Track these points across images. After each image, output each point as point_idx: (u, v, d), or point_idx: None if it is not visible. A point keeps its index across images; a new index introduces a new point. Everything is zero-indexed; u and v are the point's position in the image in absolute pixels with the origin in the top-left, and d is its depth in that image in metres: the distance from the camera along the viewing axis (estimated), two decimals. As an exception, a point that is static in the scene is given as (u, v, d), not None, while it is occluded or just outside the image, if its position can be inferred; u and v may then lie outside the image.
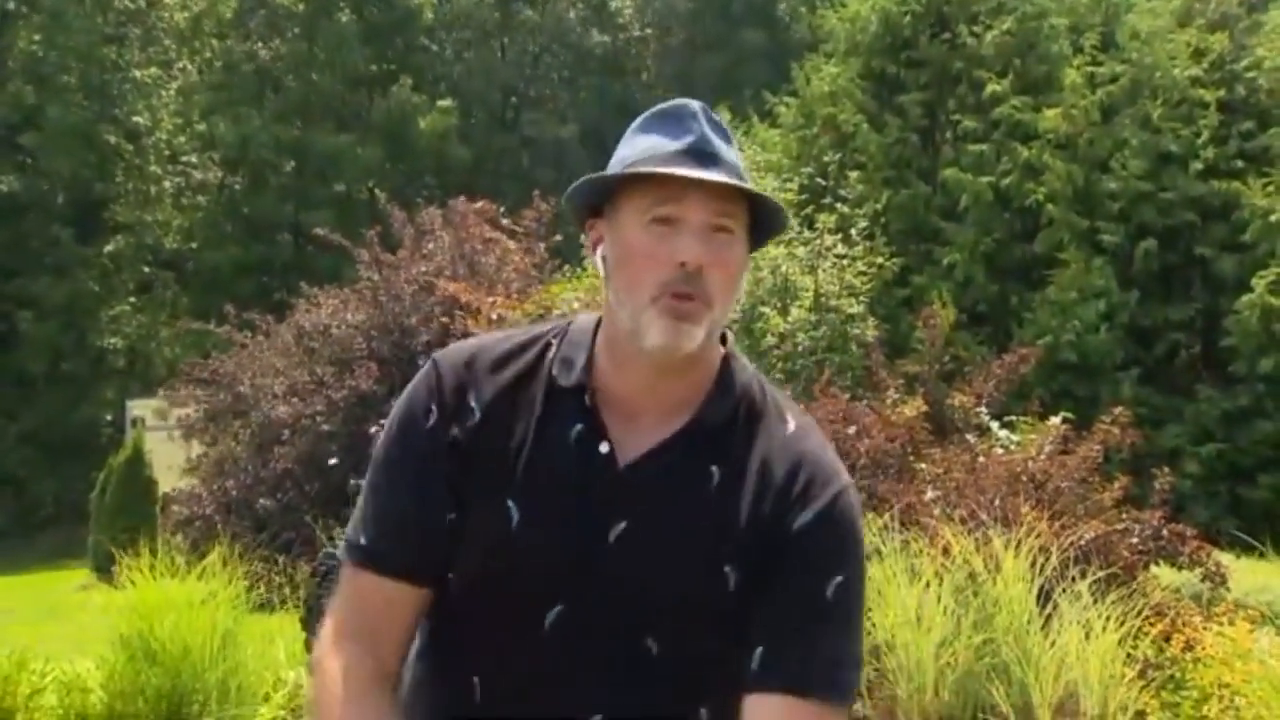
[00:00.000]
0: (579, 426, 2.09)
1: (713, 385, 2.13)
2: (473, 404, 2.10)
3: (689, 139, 2.07)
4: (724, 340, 2.15)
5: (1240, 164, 17.79)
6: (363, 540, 2.10)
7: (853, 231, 16.77)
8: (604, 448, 2.08)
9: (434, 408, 2.11)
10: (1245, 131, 18.09)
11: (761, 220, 2.13)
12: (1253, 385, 17.56)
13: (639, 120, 2.18)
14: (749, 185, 2.08)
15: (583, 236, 2.26)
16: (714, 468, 2.10)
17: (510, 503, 2.04)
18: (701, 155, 2.05)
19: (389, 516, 2.11)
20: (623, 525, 2.06)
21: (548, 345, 2.16)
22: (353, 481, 11.50)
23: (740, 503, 2.10)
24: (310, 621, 5.95)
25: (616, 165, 2.11)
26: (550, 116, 39.56)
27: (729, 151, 2.09)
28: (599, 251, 2.12)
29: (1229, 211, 17.31)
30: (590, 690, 2.08)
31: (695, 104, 2.12)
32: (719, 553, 2.08)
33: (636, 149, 2.10)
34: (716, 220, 2.04)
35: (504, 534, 2.03)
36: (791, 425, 2.16)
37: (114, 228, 34.12)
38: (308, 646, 5.98)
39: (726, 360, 2.15)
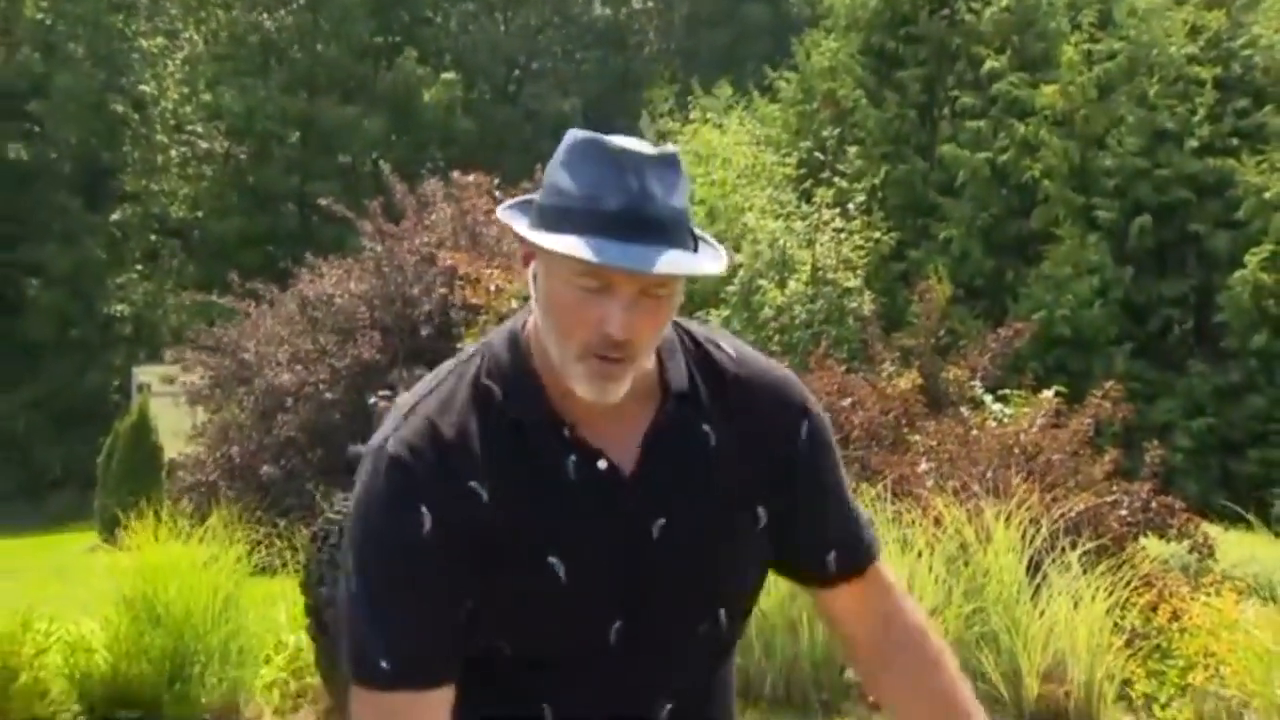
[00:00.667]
0: (572, 458, 2.05)
1: (658, 363, 2.10)
2: (473, 486, 2.01)
3: (625, 198, 1.94)
4: None
5: (1235, 141, 17.76)
6: (385, 664, 1.98)
7: (850, 206, 16.75)
8: (602, 465, 2.05)
9: (424, 509, 2.00)
10: (1240, 109, 18.06)
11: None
12: (1244, 361, 17.55)
13: (578, 147, 2.00)
14: (685, 271, 1.96)
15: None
16: (704, 428, 2.12)
17: (552, 559, 2.01)
18: (638, 222, 1.93)
19: (410, 636, 2.00)
20: (660, 522, 2.06)
21: (486, 389, 2.08)
22: (351, 449, 11.51)
23: (740, 446, 2.13)
24: (309, 585, 5.96)
25: (551, 196, 2.00)
26: (553, 89, 39.51)
27: (672, 203, 1.97)
28: (530, 268, 2.04)
29: (1223, 188, 17.29)
30: (659, 684, 2.11)
31: (645, 148, 1.97)
32: (748, 500, 2.13)
33: (568, 195, 1.98)
34: (654, 288, 1.97)
35: (557, 589, 2.00)
36: (730, 350, 2.20)
37: (121, 196, 34.14)
38: (307, 610, 6.01)
39: None
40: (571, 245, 1.90)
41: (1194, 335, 19.23)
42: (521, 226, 2.03)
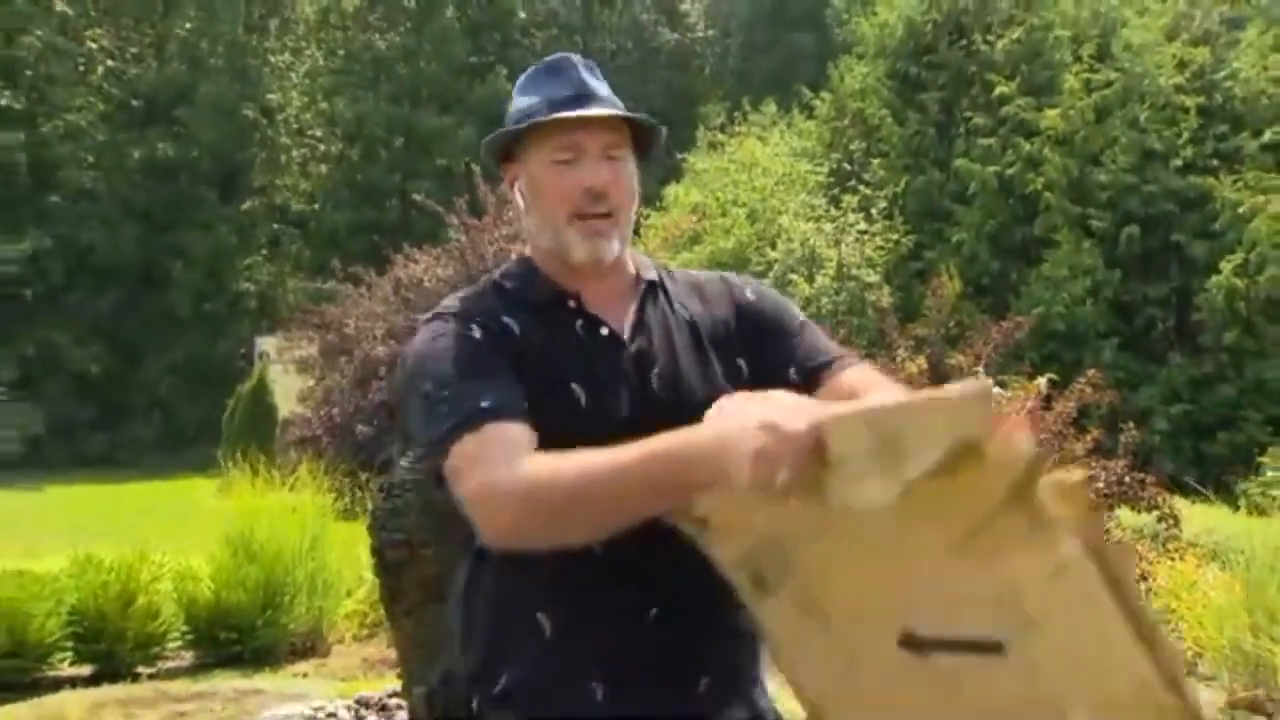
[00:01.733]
0: (579, 323, 2.14)
1: (635, 268, 2.25)
2: (507, 321, 2.11)
3: (572, 88, 2.17)
4: None
5: (1215, 162, 17.58)
6: (485, 403, 1.96)
7: (873, 211, 16.71)
8: (604, 331, 2.15)
9: (476, 329, 2.09)
10: (1220, 134, 17.86)
11: (643, 141, 2.25)
12: (1217, 355, 17.44)
13: (527, 77, 2.26)
14: (623, 112, 2.20)
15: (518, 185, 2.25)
16: (680, 305, 2.24)
17: (574, 385, 2.07)
18: (584, 99, 2.16)
19: (501, 388, 2.00)
20: (656, 371, 2.14)
21: (502, 284, 2.21)
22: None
23: (710, 314, 2.24)
24: (375, 529, 5.94)
25: (516, 116, 2.20)
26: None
27: (605, 91, 2.22)
28: (516, 188, 2.21)
29: (1203, 204, 17.09)
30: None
31: (574, 56, 2.24)
32: (729, 355, 2.21)
33: (531, 102, 2.18)
34: (608, 149, 2.15)
35: (576, 411, 2.04)
36: (683, 270, 2.38)
37: (250, 190, 34.44)
38: (372, 551, 5.98)
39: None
40: (538, 110, 2.14)
41: (1174, 331, 19.08)
42: (495, 147, 2.24)
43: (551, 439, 1.94)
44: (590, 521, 1.92)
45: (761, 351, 2.24)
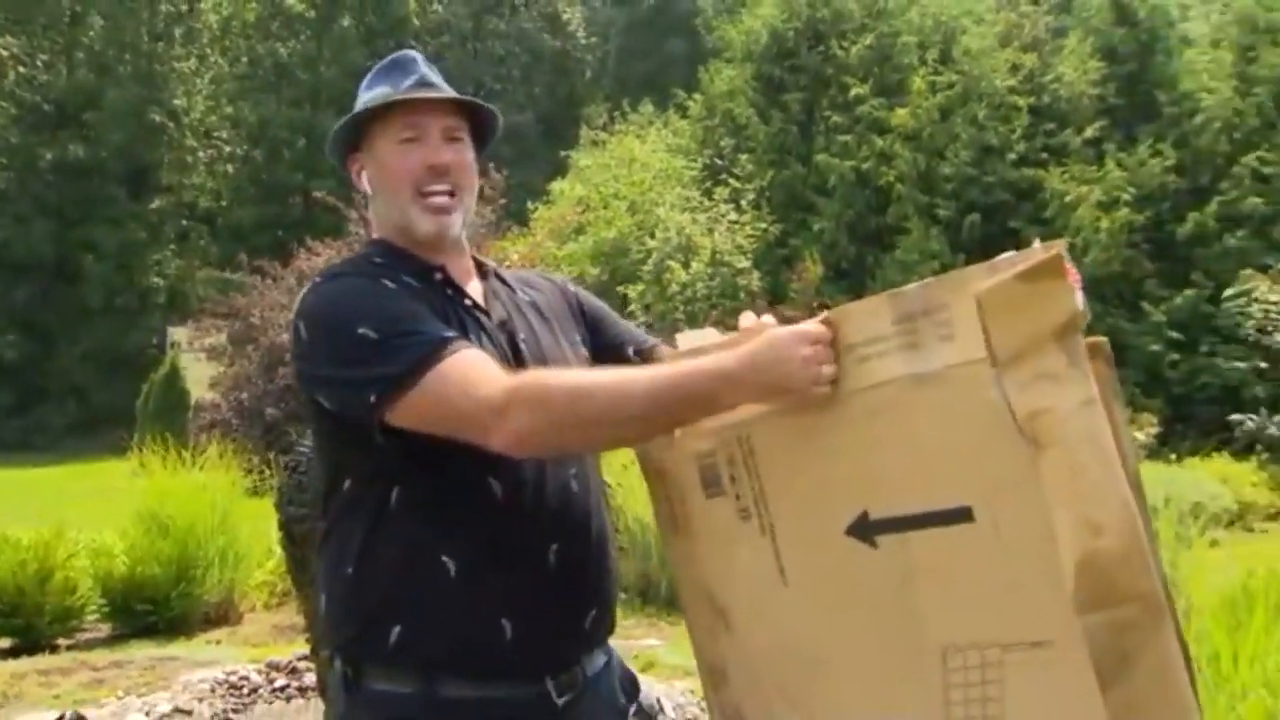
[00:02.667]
0: (449, 291, 2.10)
1: (475, 261, 2.24)
2: (405, 278, 2.05)
3: (414, 78, 2.16)
4: None
5: (1045, 156, 17.92)
6: (446, 332, 1.93)
7: (743, 203, 16.81)
8: (468, 302, 2.11)
9: (387, 281, 2.03)
10: (1048, 131, 18.20)
11: (483, 131, 2.24)
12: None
13: (372, 73, 2.23)
14: (460, 96, 2.19)
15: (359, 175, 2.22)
16: (519, 290, 2.24)
17: (455, 333, 2.01)
18: (425, 86, 2.15)
19: (435, 320, 1.97)
20: (522, 337, 2.13)
21: (372, 261, 2.13)
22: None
23: (548, 300, 2.28)
24: (280, 504, 5.87)
25: (362, 108, 2.16)
26: (511, 106, 39.50)
27: (444, 83, 2.20)
28: (363, 177, 2.17)
29: (1035, 193, 17.41)
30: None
31: (413, 53, 2.22)
32: (569, 331, 2.25)
33: (376, 94, 2.16)
34: (449, 132, 2.14)
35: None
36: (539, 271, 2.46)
37: (158, 189, 33.89)
38: (279, 525, 5.92)
39: None
40: (387, 95, 2.12)
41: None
42: (343, 139, 2.20)
43: None
44: (608, 433, 1.93)
45: (597, 332, 2.29)
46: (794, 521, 1.88)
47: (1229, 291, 15.92)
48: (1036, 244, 1.67)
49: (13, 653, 7.30)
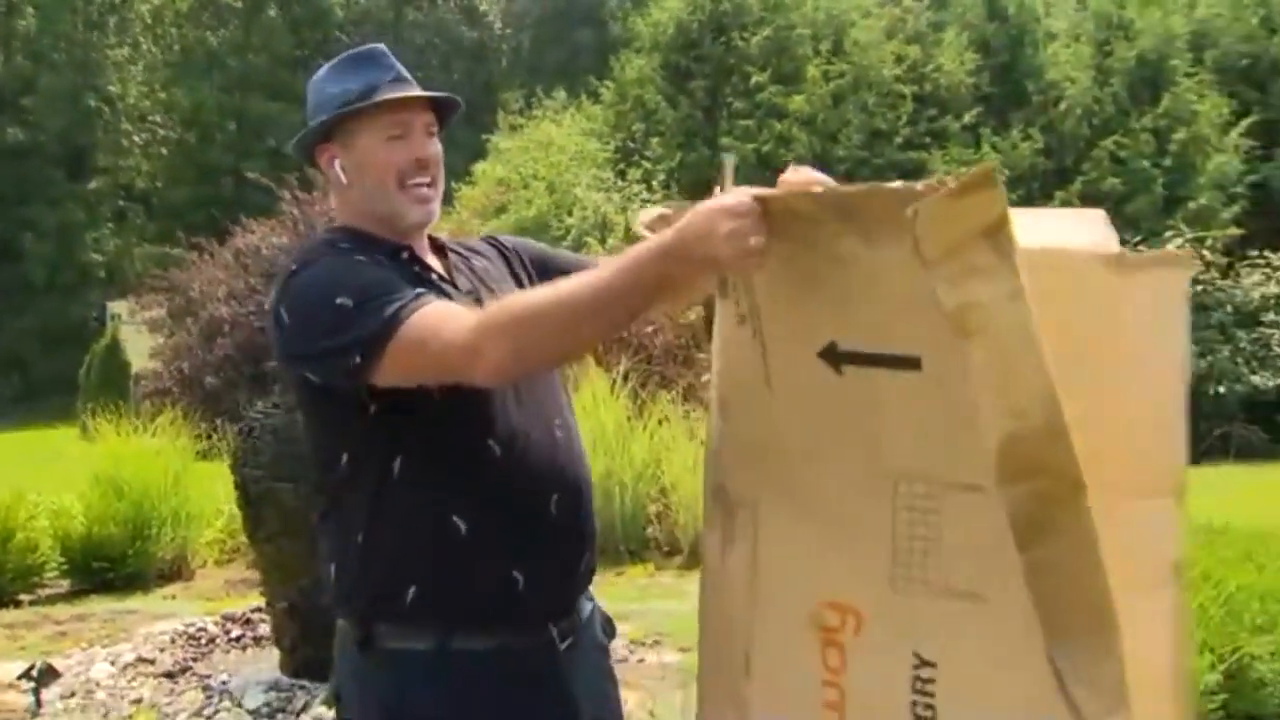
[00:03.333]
0: (416, 268, 2.10)
1: (431, 241, 2.23)
2: (378, 256, 2.05)
3: (393, 73, 2.13)
4: None
5: (928, 140, 18.13)
6: (418, 290, 1.93)
7: (654, 183, 16.85)
8: (434, 276, 2.11)
9: (361, 256, 2.04)
10: (930, 117, 18.41)
11: (443, 122, 2.21)
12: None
13: (338, 65, 2.17)
14: (438, 94, 2.19)
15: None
16: (472, 259, 2.25)
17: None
18: (404, 82, 2.13)
19: (411, 286, 1.96)
20: (484, 304, 2.07)
21: (337, 246, 2.11)
22: (272, 364, 11.41)
23: (494, 265, 2.28)
24: (236, 466, 5.85)
25: (335, 101, 2.11)
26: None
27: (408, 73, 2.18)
28: (336, 165, 2.13)
29: (919, 174, 17.54)
30: (552, 400, 2.15)
31: (381, 46, 2.20)
32: (520, 282, 2.25)
33: (351, 88, 2.11)
34: (428, 127, 2.15)
35: None
36: (479, 236, 2.43)
37: (95, 170, 33.45)
38: (236, 486, 5.89)
39: None
40: (367, 90, 2.09)
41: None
42: (316, 130, 2.14)
43: None
44: (571, 339, 1.92)
45: (542, 273, 2.26)
46: (777, 335, 1.92)
47: (1093, 263, 16.29)
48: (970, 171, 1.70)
49: (-23, 609, 7.23)
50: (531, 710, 2.03)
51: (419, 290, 1.93)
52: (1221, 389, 14.77)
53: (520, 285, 2.24)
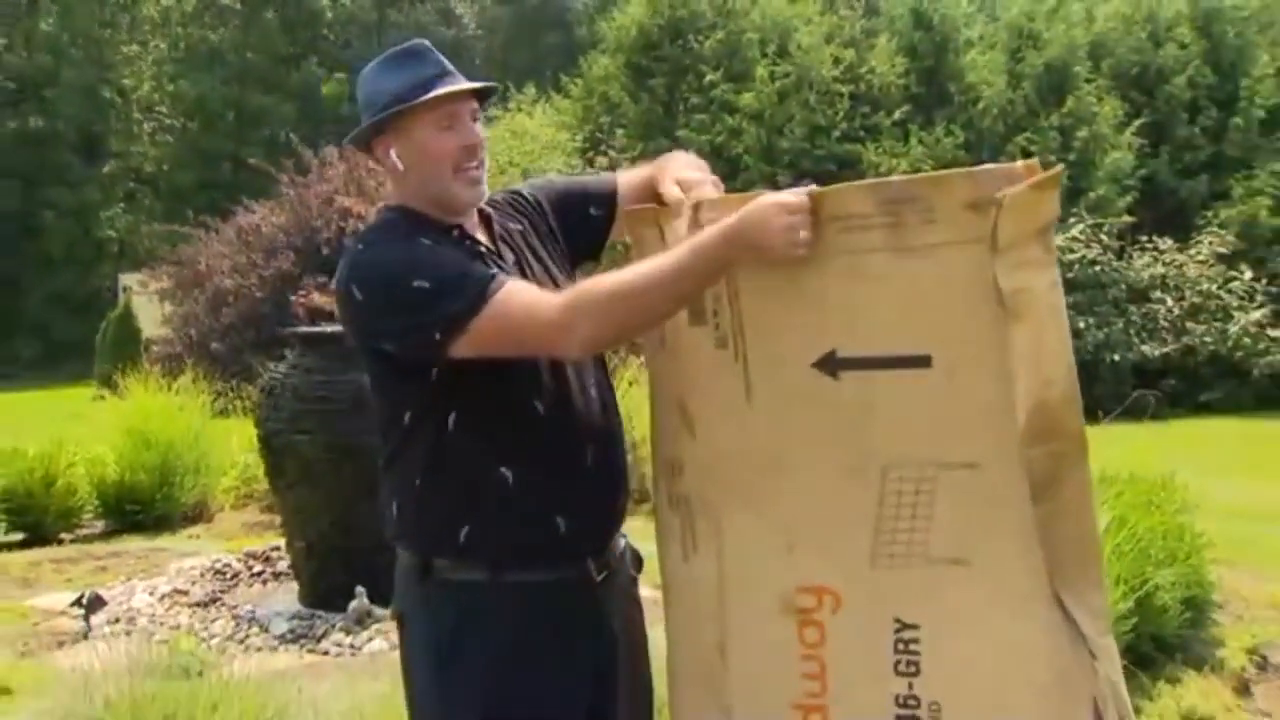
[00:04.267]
0: (466, 243, 2.11)
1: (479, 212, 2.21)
2: (430, 236, 2.07)
3: (439, 68, 2.11)
4: None
5: (862, 134, 18.16)
6: (493, 270, 1.98)
7: (618, 170, 16.82)
8: (482, 249, 2.12)
9: (422, 239, 2.05)
10: (864, 113, 18.43)
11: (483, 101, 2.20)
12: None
13: (386, 62, 2.15)
14: (481, 83, 2.17)
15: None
16: (511, 226, 2.24)
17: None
18: (450, 76, 2.11)
19: (476, 262, 2.02)
20: (528, 269, 2.15)
21: (395, 227, 2.13)
22: (277, 330, 11.34)
23: (526, 226, 2.27)
24: (260, 420, 5.87)
25: (385, 96, 2.10)
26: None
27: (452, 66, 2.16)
28: (392, 154, 2.12)
29: (855, 164, 17.64)
30: (587, 362, 2.16)
31: (425, 43, 2.17)
32: (552, 240, 2.29)
33: (402, 83, 2.09)
34: (474, 115, 2.14)
35: None
36: (505, 191, 2.37)
37: (109, 155, 32.99)
38: (259, 438, 5.92)
39: None
40: (418, 85, 2.07)
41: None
42: (373, 124, 2.12)
43: None
44: (652, 316, 1.98)
45: (564, 218, 2.31)
46: (765, 352, 1.96)
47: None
48: (1019, 162, 1.81)
49: (24, 545, 7.28)
50: (571, 632, 2.09)
51: (490, 271, 1.98)
52: (1116, 357, 15.00)
53: (548, 241, 2.28)
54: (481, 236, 2.17)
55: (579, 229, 2.31)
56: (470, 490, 2.04)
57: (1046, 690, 1.82)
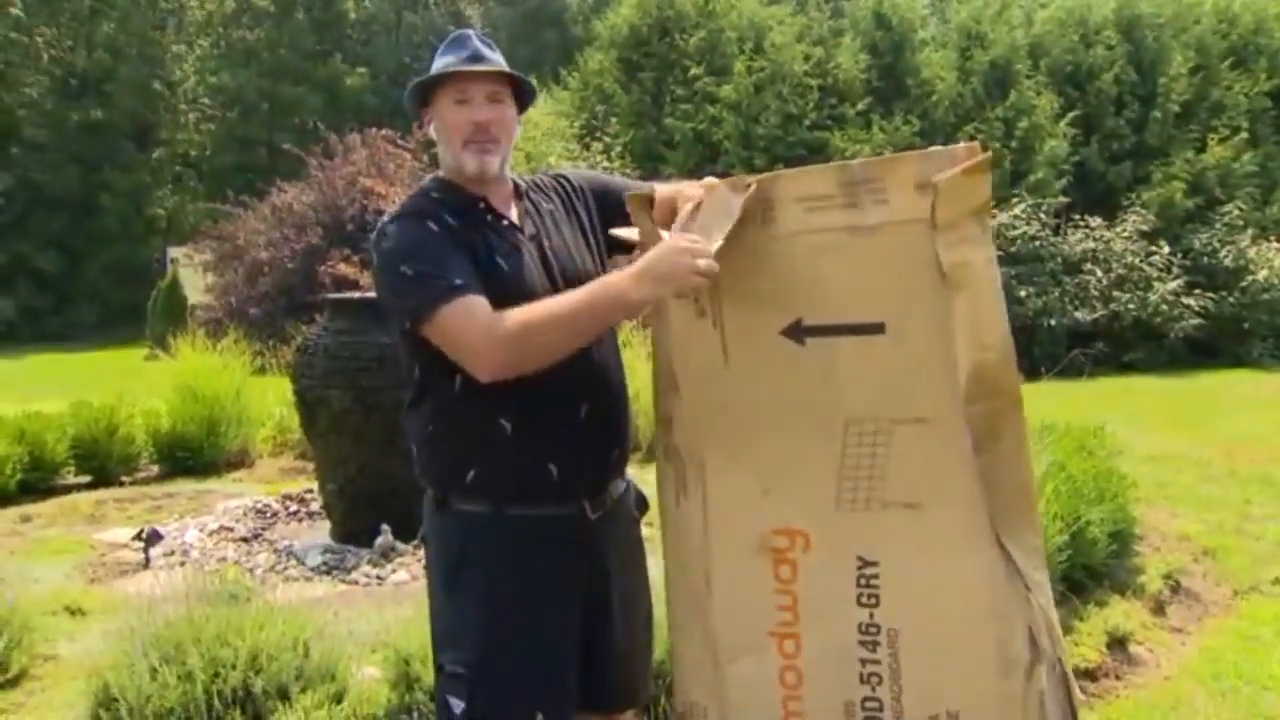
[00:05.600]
0: (489, 217, 2.12)
1: (513, 183, 2.23)
2: (447, 219, 2.06)
3: (468, 53, 2.13)
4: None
5: (829, 123, 18.03)
6: (457, 281, 1.94)
7: (612, 154, 16.76)
8: (505, 222, 2.14)
9: (432, 224, 2.04)
10: (832, 104, 18.28)
11: (523, 93, 2.20)
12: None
13: (442, 47, 2.19)
14: (501, 69, 2.14)
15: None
16: (543, 204, 2.23)
17: (499, 260, 2.07)
18: (476, 59, 2.12)
19: (461, 268, 1.98)
20: (547, 244, 2.15)
21: (432, 196, 2.15)
22: (308, 298, 11.29)
23: (561, 206, 2.26)
24: (296, 376, 5.85)
25: (424, 77, 2.17)
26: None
27: (494, 55, 2.16)
28: (431, 127, 2.17)
29: (824, 150, 17.50)
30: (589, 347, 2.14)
31: (469, 31, 2.19)
32: (583, 221, 2.26)
33: (442, 64, 2.15)
34: (492, 95, 2.13)
35: (504, 277, 2.03)
36: (530, 178, 2.33)
37: (158, 142, 32.82)
38: (295, 393, 5.90)
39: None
40: (445, 66, 2.12)
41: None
42: (417, 100, 2.19)
43: (493, 298, 1.96)
44: (559, 348, 1.95)
45: (604, 210, 2.29)
46: (739, 321, 1.97)
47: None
48: (962, 144, 1.82)
49: (91, 485, 7.30)
50: (564, 560, 2.10)
51: (456, 282, 1.95)
52: (1052, 322, 15.04)
53: (578, 222, 2.26)
54: (512, 209, 2.18)
55: (614, 223, 2.30)
56: (474, 439, 2.06)
57: (987, 617, 1.85)
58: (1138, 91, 17.95)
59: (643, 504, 2.33)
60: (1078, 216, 16.12)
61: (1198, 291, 15.53)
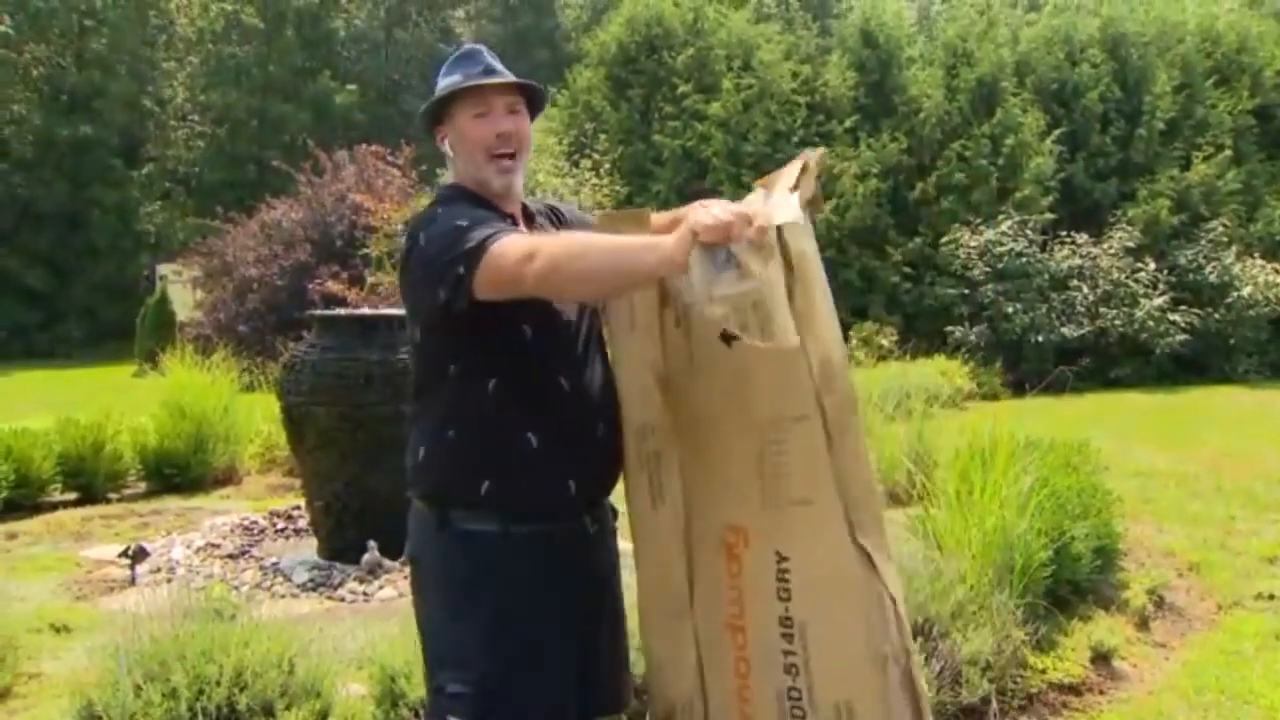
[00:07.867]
0: (510, 220, 2.15)
1: (521, 206, 2.27)
2: (483, 210, 2.13)
3: (482, 67, 2.17)
4: None
5: (818, 140, 18.04)
6: (505, 224, 2.05)
7: (601, 170, 16.79)
8: (522, 227, 2.17)
9: (476, 205, 2.12)
10: (820, 121, 18.36)
11: (535, 104, 2.24)
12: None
13: (448, 63, 2.23)
14: (520, 80, 2.21)
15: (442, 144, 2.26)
16: (548, 228, 2.28)
17: None
18: (491, 72, 2.16)
19: (501, 223, 2.05)
20: None
21: (459, 189, 2.20)
22: (295, 314, 11.29)
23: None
24: (282, 393, 5.84)
25: (440, 89, 2.20)
26: (415, 98, 38.52)
27: (504, 69, 2.22)
28: (446, 142, 2.20)
29: (812, 167, 17.60)
30: (593, 355, 2.22)
31: (481, 46, 2.24)
32: None
33: (453, 79, 2.17)
34: (510, 106, 2.16)
35: None
36: (547, 202, 2.43)
37: (147, 158, 32.74)
38: (281, 409, 5.88)
39: None
40: (459, 82, 2.15)
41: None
42: (431, 115, 2.22)
43: (516, 305, 2.01)
44: (594, 271, 1.95)
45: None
46: (699, 328, 2.07)
47: (943, 239, 16.52)
48: (808, 152, 2.12)
49: (78, 503, 7.27)
50: (568, 574, 2.13)
51: (502, 226, 2.02)
52: (1039, 338, 15.11)
53: None
54: (522, 227, 2.20)
55: None
56: (498, 448, 2.06)
57: (858, 611, 2.01)
58: (1123, 109, 18.09)
59: (616, 514, 2.37)
60: (1064, 233, 16.21)
61: (1183, 308, 15.63)
